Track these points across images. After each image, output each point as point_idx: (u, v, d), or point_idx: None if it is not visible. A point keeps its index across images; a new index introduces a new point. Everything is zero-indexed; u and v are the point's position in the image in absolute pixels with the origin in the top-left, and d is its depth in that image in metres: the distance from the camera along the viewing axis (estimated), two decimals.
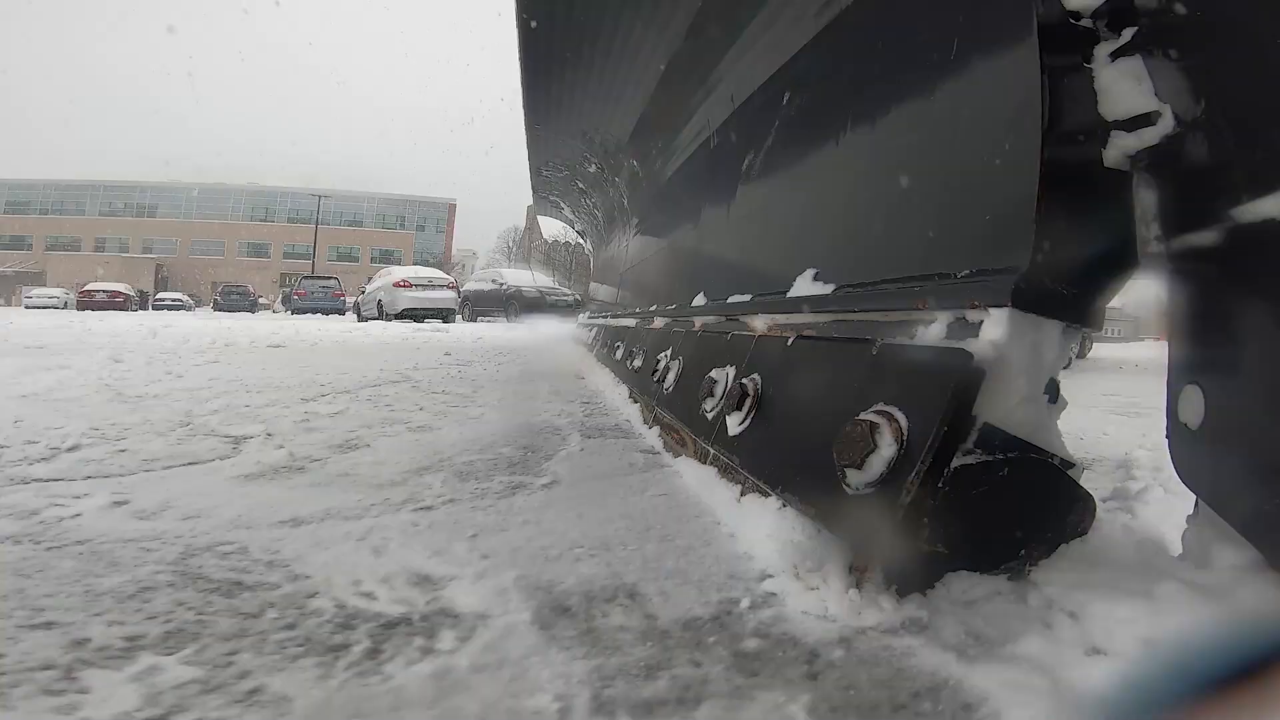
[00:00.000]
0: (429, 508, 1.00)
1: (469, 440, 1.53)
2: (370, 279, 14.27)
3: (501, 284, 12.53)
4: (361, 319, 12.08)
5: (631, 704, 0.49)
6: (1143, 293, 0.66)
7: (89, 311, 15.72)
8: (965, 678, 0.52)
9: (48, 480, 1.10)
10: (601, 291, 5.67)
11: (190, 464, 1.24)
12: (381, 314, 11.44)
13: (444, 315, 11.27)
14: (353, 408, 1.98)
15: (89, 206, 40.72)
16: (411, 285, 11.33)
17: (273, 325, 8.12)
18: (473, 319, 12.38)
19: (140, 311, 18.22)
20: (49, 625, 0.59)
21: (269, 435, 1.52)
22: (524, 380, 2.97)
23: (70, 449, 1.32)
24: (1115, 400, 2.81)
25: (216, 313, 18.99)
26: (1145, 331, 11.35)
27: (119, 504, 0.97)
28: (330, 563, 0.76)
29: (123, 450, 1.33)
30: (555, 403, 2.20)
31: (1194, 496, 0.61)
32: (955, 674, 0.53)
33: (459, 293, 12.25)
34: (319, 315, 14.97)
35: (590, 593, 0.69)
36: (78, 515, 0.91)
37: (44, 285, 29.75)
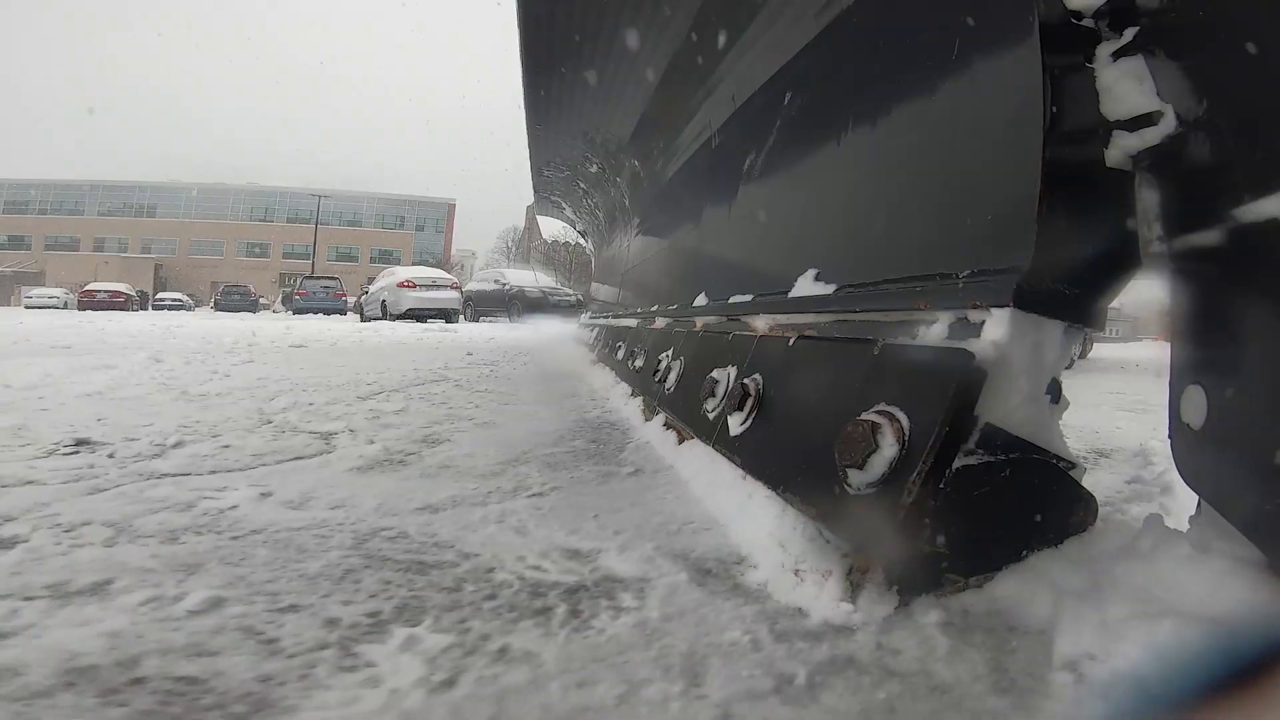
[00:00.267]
0: (540, 494, 1.07)
1: (539, 435, 1.59)
2: (373, 279, 14.28)
3: (504, 284, 12.52)
4: (365, 319, 12.08)
5: (803, 633, 0.60)
6: (1140, 293, 0.66)
7: (90, 311, 15.74)
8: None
9: (177, 475, 1.14)
10: (603, 292, 5.67)
11: (297, 459, 1.30)
12: (385, 314, 11.44)
13: (447, 315, 11.29)
14: (412, 405, 2.03)
15: (88, 206, 40.66)
16: (416, 285, 11.38)
17: (282, 326, 8.20)
18: (475, 319, 12.37)
19: (141, 311, 18.22)
20: (294, 608, 0.63)
21: (352, 431, 1.57)
22: (556, 379, 3.01)
23: (175, 445, 1.37)
24: (1122, 398, 2.88)
25: (218, 313, 18.96)
26: (1143, 331, 11.32)
27: (265, 496, 1.02)
28: (487, 542, 0.83)
29: (226, 446, 1.38)
30: (600, 399, 2.24)
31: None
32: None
33: (462, 293, 12.25)
34: (320, 315, 14.95)
35: (722, 558, 0.79)
36: (235, 507, 0.95)
37: (43, 285, 29.78)
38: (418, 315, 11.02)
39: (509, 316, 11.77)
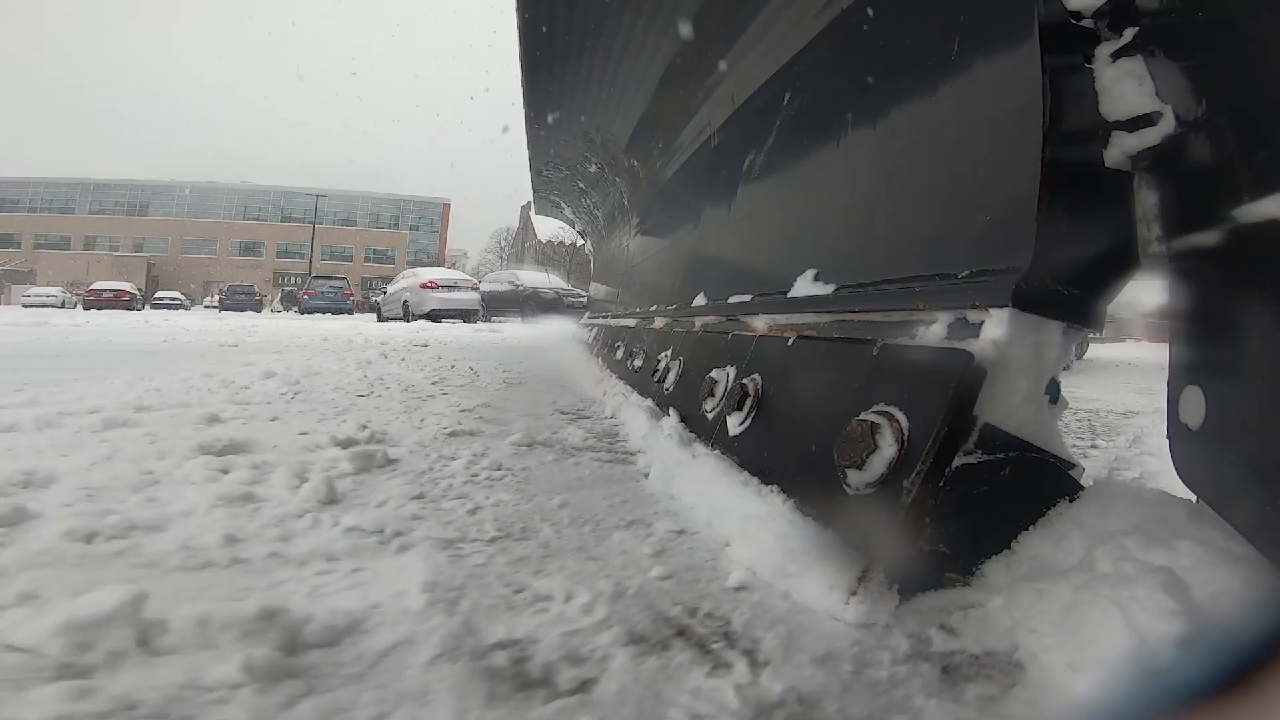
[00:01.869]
0: None
1: None
2: (392, 280, 14.58)
3: (518, 285, 12.84)
4: (382, 319, 12.27)
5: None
6: (1124, 294, 0.67)
7: (94, 310, 15.71)
8: None
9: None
10: (602, 292, 5.67)
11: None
12: (407, 314, 11.62)
13: (466, 316, 11.48)
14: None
15: (79, 204, 40.23)
16: (439, 287, 11.65)
17: (345, 325, 8.53)
18: (487, 319, 12.49)
19: (142, 310, 18.11)
20: None
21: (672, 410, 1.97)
22: None
23: (612, 413, 1.81)
24: (1129, 386, 3.44)
25: (224, 312, 18.80)
26: (1126, 332, 11.38)
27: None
28: None
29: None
30: None
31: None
32: None
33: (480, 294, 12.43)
34: (328, 315, 14.93)
35: None
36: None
37: (34, 284, 29.61)
38: (439, 315, 11.20)
39: (521, 316, 11.89)
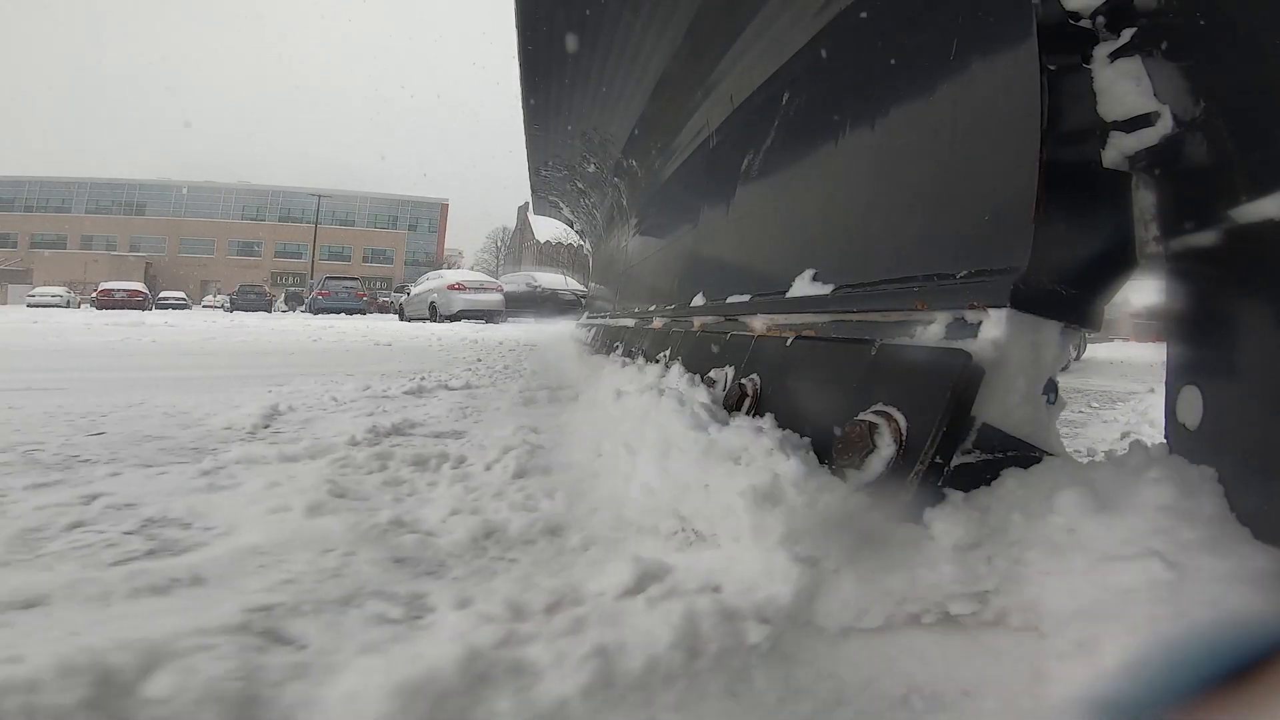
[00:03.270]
0: None
1: None
2: (415, 281, 15.03)
3: (535, 286, 13.20)
4: (404, 319, 12.49)
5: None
6: (1118, 294, 0.67)
7: (106, 310, 15.74)
8: None
9: None
10: (600, 291, 5.67)
11: None
12: (433, 315, 11.84)
13: (490, 316, 11.77)
14: None
15: (75, 204, 40.07)
16: (466, 288, 12.01)
17: (400, 327, 8.75)
18: (504, 320, 12.68)
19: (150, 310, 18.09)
20: None
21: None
22: None
23: None
24: (1129, 377, 3.83)
25: (235, 312, 18.79)
26: (1115, 333, 11.37)
27: None
28: None
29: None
30: None
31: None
32: None
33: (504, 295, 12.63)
34: (342, 315, 15.07)
35: None
36: None
37: (29, 284, 29.57)
38: (463, 316, 11.47)
39: (536, 317, 12.09)
